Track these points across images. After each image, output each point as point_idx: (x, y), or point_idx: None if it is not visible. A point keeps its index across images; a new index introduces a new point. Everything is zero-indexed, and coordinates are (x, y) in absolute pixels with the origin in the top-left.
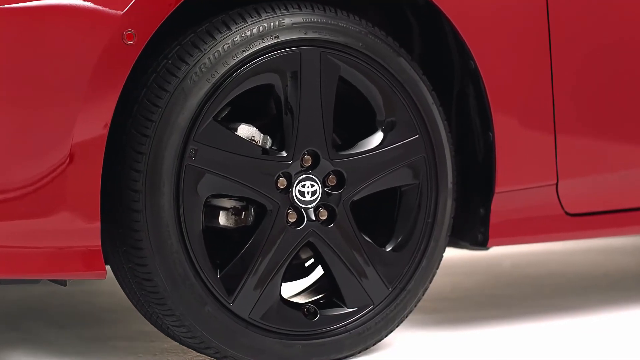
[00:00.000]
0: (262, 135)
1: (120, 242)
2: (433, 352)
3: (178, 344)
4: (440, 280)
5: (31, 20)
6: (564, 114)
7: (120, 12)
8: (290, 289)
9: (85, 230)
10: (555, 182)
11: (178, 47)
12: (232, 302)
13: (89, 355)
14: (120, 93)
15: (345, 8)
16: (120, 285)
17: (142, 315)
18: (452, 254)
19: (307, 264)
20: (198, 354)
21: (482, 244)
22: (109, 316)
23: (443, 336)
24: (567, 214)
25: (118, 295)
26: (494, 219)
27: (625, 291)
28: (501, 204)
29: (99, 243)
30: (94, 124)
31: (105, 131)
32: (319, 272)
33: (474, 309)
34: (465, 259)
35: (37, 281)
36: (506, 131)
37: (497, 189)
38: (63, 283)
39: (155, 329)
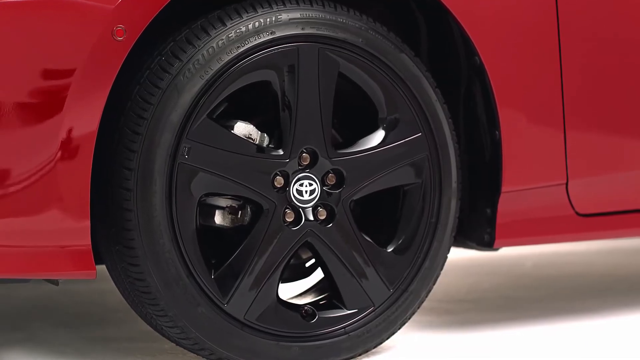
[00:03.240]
0: (259, 133)
1: (113, 242)
2: (434, 355)
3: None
4: (458, 282)
5: (19, 16)
6: (574, 110)
7: (110, 8)
8: (290, 290)
9: (74, 230)
10: (565, 181)
11: (172, 43)
12: (227, 303)
13: (90, 355)
14: (110, 90)
15: (347, 3)
16: (116, 285)
17: (138, 314)
18: (473, 255)
19: (307, 265)
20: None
21: (489, 245)
22: (113, 316)
23: (449, 338)
24: (577, 214)
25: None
26: (500, 219)
27: None
28: (508, 203)
29: (89, 242)
30: (83, 121)
31: (95, 128)
32: (320, 272)
33: (487, 311)
34: (488, 259)
35: (26, 280)
36: (513, 129)
37: (504, 189)
38: (55, 282)
39: None
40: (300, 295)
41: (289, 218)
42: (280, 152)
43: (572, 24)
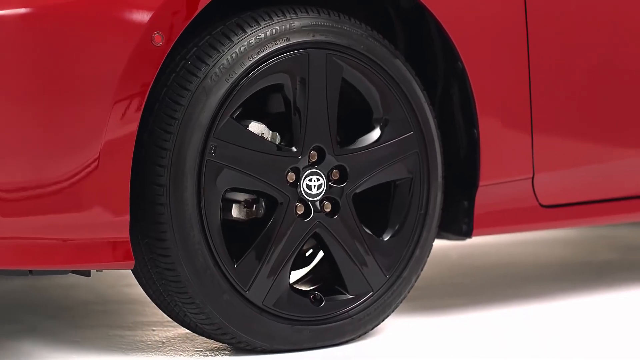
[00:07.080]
0: (270, 132)
1: (142, 235)
2: (426, 338)
3: (184, 332)
4: None
5: (63, 22)
6: (540, 112)
7: (149, 15)
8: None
9: (115, 223)
10: (531, 175)
11: (195, 48)
12: (248, 290)
13: (98, 342)
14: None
15: (334, 9)
16: (136, 276)
17: (157, 304)
18: None
19: (307, 254)
20: (205, 340)
21: (467, 235)
22: (97, 308)
23: (427, 322)
24: (541, 205)
25: (96, 290)
26: (477, 211)
27: (575, 280)
28: (484, 196)
29: (128, 235)
30: (124, 123)
31: (135, 129)
32: (315, 262)
33: (444, 297)
34: None
35: (66, 272)
36: (489, 129)
37: (481, 182)
38: (87, 274)
39: (154, 320)
40: (299, 282)
41: (300, 211)
42: (294, 149)
43: (537, 33)
